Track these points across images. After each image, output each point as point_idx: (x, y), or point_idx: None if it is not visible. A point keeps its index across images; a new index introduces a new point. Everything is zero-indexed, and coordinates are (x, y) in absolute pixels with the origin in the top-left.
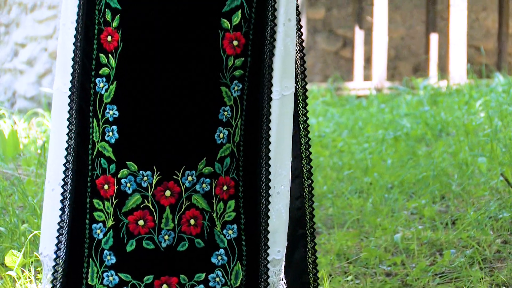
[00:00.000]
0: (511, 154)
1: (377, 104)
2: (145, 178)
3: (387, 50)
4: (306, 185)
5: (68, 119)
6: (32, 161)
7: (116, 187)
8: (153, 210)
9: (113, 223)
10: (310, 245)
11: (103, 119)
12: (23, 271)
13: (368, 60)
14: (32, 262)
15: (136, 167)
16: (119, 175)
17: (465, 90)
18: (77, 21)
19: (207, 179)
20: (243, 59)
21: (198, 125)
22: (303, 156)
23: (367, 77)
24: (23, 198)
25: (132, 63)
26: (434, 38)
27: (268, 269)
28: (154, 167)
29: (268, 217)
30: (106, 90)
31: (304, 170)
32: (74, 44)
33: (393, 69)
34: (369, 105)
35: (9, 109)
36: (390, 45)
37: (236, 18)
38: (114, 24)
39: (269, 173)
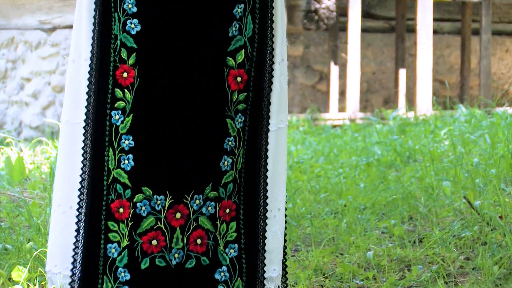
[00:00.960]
0: (473, 178)
1: (351, 133)
2: (159, 201)
3: (360, 84)
4: None
5: (82, 148)
6: (37, 185)
7: (131, 211)
8: (165, 230)
9: (128, 243)
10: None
11: (119, 148)
12: (28, 285)
13: (342, 93)
14: (36, 276)
15: (151, 192)
16: (134, 200)
17: (431, 120)
18: (91, 58)
19: (212, 203)
20: (245, 94)
21: (206, 154)
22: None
23: (342, 109)
24: (28, 219)
25: (148, 98)
26: (402, 73)
27: (264, 285)
28: (167, 192)
29: (265, 238)
30: (122, 122)
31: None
32: (88, 79)
33: (365, 101)
34: (344, 134)
35: (16, 137)
36: (362, 79)
37: (240, 57)
38: (130, 61)
39: (267, 197)
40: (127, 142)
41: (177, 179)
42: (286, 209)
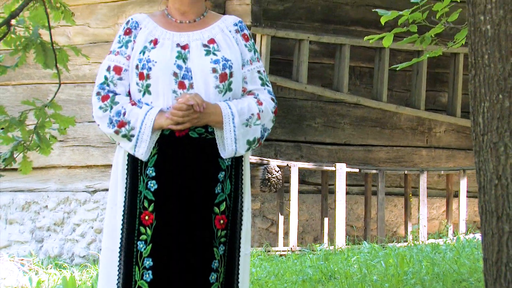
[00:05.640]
0: None
1: (292, 260)
2: None
3: (298, 227)
4: None
5: (118, 266)
6: None
7: None
8: None
9: None
10: None
11: (142, 267)
12: None
13: (286, 233)
14: None
15: None
16: None
17: (345, 251)
18: (124, 206)
19: None
20: (225, 231)
21: (200, 271)
22: None
23: (286, 244)
24: None
25: (163, 233)
26: (326, 220)
27: None
28: None
29: None
30: (144, 249)
31: None
32: (122, 220)
33: (301, 239)
34: (287, 261)
35: (70, 264)
36: (299, 224)
37: (222, 207)
38: (150, 209)
39: None
40: (148, 262)
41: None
42: None
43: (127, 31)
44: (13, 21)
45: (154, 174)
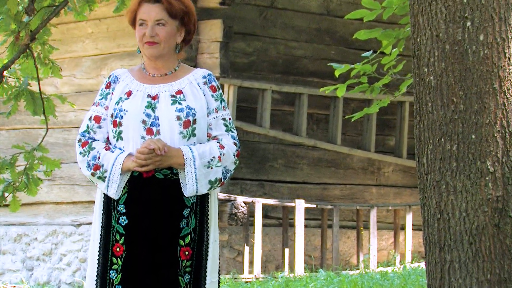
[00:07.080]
0: None
1: (256, 286)
2: None
3: (261, 257)
4: None
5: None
6: None
7: None
8: None
9: None
10: None
11: None
12: None
13: (251, 263)
14: None
15: None
16: None
17: (304, 279)
18: (100, 239)
19: None
20: (190, 262)
21: None
22: None
23: (251, 272)
24: None
25: (131, 264)
26: (286, 250)
27: None
28: None
29: None
30: (116, 277)
31: None
32: (98, 251)
33: (264, 267)
34: (252, 287)
35: None
36: (263, 254)
37: (187, 240)
38: (121, 241)
39: None
40: None
41: None
42: None
43: (108, 84)
44: (5, 72)
45: (124, 210)
